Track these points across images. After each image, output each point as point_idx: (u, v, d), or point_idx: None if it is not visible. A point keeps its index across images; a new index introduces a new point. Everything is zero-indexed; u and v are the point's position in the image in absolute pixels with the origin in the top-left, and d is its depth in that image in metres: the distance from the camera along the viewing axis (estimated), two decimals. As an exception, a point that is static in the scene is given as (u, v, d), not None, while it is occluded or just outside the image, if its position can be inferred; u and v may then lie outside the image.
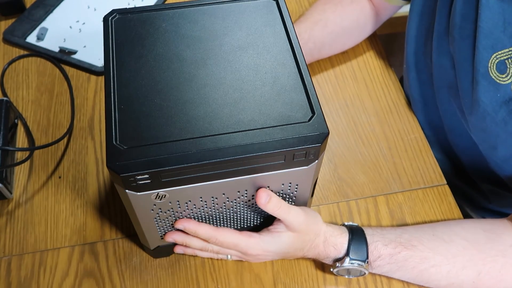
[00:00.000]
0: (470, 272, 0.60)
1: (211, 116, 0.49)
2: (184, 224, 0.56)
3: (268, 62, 0.54)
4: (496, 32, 0.59)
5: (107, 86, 0.51)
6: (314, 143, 0.48)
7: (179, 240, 0.59)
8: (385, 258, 0.60)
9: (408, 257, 0.60)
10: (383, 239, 0.61)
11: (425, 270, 0.60)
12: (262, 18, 0.58)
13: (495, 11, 0.59)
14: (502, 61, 0.59)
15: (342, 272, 0.62)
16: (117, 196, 0.71)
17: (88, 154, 0.76)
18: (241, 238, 0.57)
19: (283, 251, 0.60)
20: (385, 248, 0.60)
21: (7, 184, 0.69)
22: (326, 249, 0.60)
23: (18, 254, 0.67)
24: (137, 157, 0.46)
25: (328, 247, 0.60)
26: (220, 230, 0.57)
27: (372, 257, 0.60)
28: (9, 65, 0.87)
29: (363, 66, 0.88)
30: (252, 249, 0.58)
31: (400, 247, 0.60)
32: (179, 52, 0.54)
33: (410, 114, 0.82)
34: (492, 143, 0.67)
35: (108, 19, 0.57)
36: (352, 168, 0.76)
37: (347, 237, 0.61)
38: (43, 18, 0.92)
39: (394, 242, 0.61)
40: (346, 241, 0.60)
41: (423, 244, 0.61)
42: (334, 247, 0.60)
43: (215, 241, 0.57)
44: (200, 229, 0.56)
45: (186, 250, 0.61)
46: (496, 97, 0.61)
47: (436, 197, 0.73)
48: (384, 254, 0.60)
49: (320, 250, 0.60)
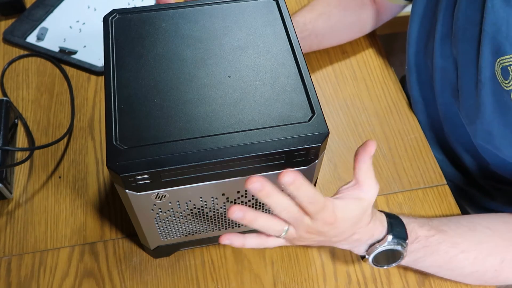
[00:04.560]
0: (494, 259, 0.60)
1: (211, 116, 0.49)
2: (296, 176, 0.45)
3: (268, 62, 0.54)
4: (499, 38, 0.59)
5: (107, 86, 0.51)
6: (314, 143, 0.48)
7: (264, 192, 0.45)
8: (421, 240, 0.58)
9: (442, 241, 0.59)
10: (417, 221, 0.60)
11: (455, 256, 0.60)
12: (262, 18, 0.58)
13: (499, 15, 0.58)
14: (504, 67, 0.59)
15: (379, 259, 0.58)
16: (117, 196, 0.71)
17: (88, 154, 0.76)
18: (332, 201, 0.50)
19: (351, 223, 0.52)
20: (421, 229, 0.59)
21: (7, 184, 0.69)
22: (375, 224, 0.56)
23: (18, 254, 0.67)
24: (137, 157, 0.46)
25: (375, 222, 0.56)
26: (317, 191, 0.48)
27: (410, 238, 0.57)
28: (9, 65, 0.87)
29: (363, 66, 0.88)
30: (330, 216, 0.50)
31: (434, 230, 0.59)
32: (179, 52, 0.54)
33: (410, 114, 0.82)
34: (497, 145, 0.67)
35: (108, 19, 0.57)
36: (352, 168, 0.75)
37: (385, 216, 0.58)
38: (43, 18, 0.92)
39: (428, 225, 0.60)
40: (385, 219, 0.57)
41: (452, 230, 0.61)
42: (381, 223, 0.56)
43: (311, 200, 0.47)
44: (305, 183, 0.46)
45: (246, 214, 0.47)
46: (503, 101, 0.61)
47: (436, 197, 0.73)
48: (421, 235, 0.58)
49: (370, 227, 0.55)
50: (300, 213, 0.49)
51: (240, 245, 0.52)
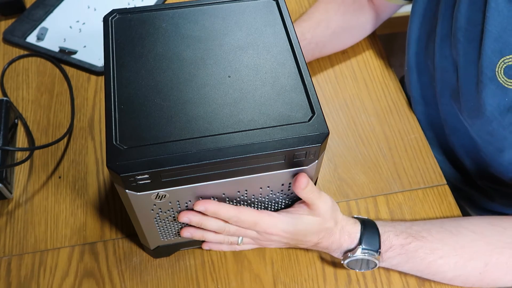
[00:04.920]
0: (477, 263, 0.60)
1: (211, 116, 0.49)
2: (206, 205, 0.53)
3: (268, 62, 0.54)
4: (505, 36, 0.59)
5: (107, 86, 0.51)
6: (314, 143, 0.48)
7: (195, 221, 0.55)
8: (396, 249, 0.60)
9: (418, 248, 0.60)
10: (394, 229, 0.61)
11: (434, 261, 0.60)
12: (262, 18, 0.58)
13: (504, 15, 0.58)
14: (510, 66, 0.59)
15: (353, 265, 0.62)
16: (117, 196, 0.71)
17: (88, 154, 0.76)
18: (262, 217, 0.56)
19: (300, 234, 0.58)
20: (397, 238, 0.60)
21: (7, 184, 0.69)
22: (341, 238, 0.60)
23: (18, 254, 0.67)
24: (137, 157, 0.46)
25: (343, 235, 0.60)
26: (241, 209, 0.55)
27: (384, 247, 0.60)
28: (9, 65, 0.87)
29: (363, 66, 0.88)
30: (271, 228, 0.56)
31: (411, 238, 0.61)
32: (179, 52, 0.54)
33: (410, 114, 0.82)
34: (499, 146, 0.67)
35: (108, 19, 0.57)
36: (352, 168, 0.76)
37: (360, 227, 0.61)
38: (43, 18, 0.92)
39: (405, 233, 0.61)
40: (359, 231, 0.60)
41: (432, 236, 0.61)
42: (349, 236, 0.60)
43: (236, 220, 0.55)
44: (221, 209, 0.54)
45: (194, 233, 0.58)
46: (504, 102, 0.61)
47: (436, 197, 0.73)
48: (396, 244, 0.60)
49: (335, 238, 0.60)
50: (240, 230, 0.57)
51: (200, 237, 0.59)
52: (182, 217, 0.55)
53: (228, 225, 0.56)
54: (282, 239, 0.59)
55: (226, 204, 0.54)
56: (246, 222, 0.56)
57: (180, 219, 0.55)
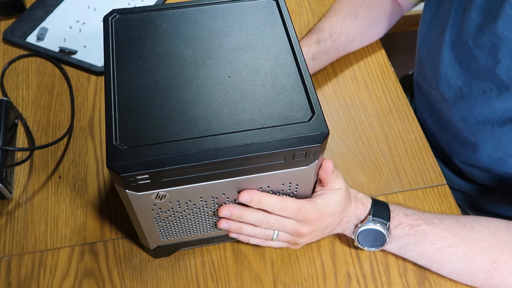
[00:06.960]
0: (485, 259, 0.60)
1: (211, 116, 0.49)
2: (251, 194, 0.53)
3: (268, 62, 0.54)
4: None
5: (107, 86, 0.51)
6: (314, 143, 0.48)
7: (236, 213, 0.55)
8: (405, 227, 0.61)
9: (428, 232, 0.61)
10: (405, 210, 0.63)
11: (442, 249, 0.60)
12: (262, 18, 0.58)
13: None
14: None
15: (362, 239, 0.63)
16: (117, 196, 0.71)
17: (88, 154, 0.76)
18: (303, 203, 0.56)
19: (336, 212, 0.60)
20: (406, 217, 0.62)
21: (7, 184, 0.69)
22: (357, 205, 0.62)
23: (18, 254, 0.67)
24: (137, 157, 0.46)
25: (357, 203, 0.62)
26: (283, 197, 0.55)
27: (393, 222, 0.61)
28: (9, 65, 0.87)
29: (363, 66, 0.88)
30: (313, 213, 0.57)
31: (421, 220, 0.62)
32: (179, 52, 0.54)
33: (410, 114, 0.82)
34: (508, 151, 0.68)
35: (108, 19, 0.57)
36: (352, 168, 0.76)
37: (370, 198, 0.64)
38: (43, 18, 0.92)
39: (416, 215, 0.62)
40: (370, 201, 0.63)
41: (443, 224, 0.62)
42: (362, 204, 0.62)
43: (280, 208, 0.55)
44: (266, 197, 0.54)
45: (232, 225, 0.57)
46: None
47: (436, 197, 0.73)
48: (405, 223, 0.61)
49: (352, 207, 0.62)
50: (278, 220, 0.56)
51: (236, 229, 0.58)
52: (223, 210, 0.55)
53: (267, 216, 0.56)
54: (320, 225, 0.59)
55: (269, 194, 0.55)
56: (289, 209, 0.56)
57: (221, 213, 0.55)
